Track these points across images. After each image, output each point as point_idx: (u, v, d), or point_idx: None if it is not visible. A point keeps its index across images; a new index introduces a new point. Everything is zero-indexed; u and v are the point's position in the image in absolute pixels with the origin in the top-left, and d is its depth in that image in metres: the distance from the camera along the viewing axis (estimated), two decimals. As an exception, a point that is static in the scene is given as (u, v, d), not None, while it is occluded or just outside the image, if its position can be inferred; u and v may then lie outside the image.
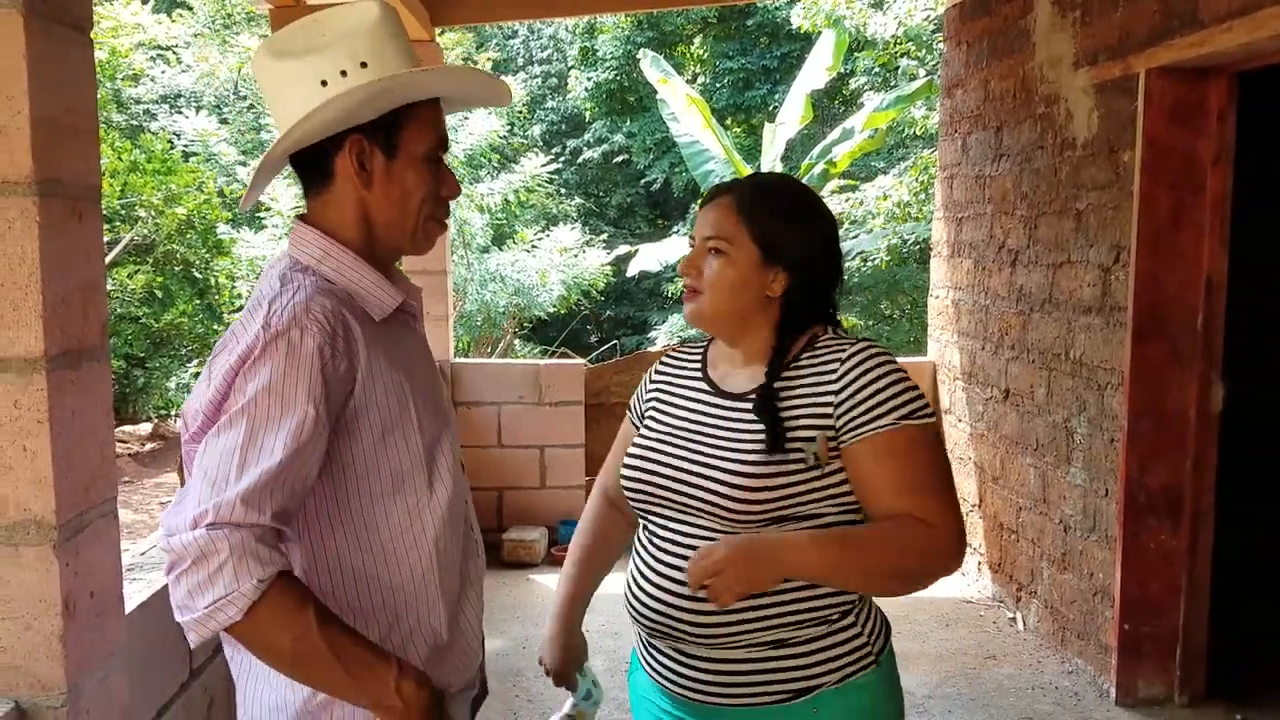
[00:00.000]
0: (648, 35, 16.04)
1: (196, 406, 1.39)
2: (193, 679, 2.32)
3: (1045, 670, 4.25)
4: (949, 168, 5.67)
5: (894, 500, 1.61)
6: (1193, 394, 3.77)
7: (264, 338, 1.34)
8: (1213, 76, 3.65)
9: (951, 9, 5.63)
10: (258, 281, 1.50)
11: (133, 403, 10.36)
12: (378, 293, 1.48)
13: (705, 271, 1.70)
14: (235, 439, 1.30)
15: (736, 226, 1.69)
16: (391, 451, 1.44)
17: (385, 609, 1.46)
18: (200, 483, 1.29)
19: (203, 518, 1.26)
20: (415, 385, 1.49)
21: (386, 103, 1.44)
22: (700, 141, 10.84)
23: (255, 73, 1.50)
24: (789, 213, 1.71)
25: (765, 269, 1.69)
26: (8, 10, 1.37)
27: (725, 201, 1.71)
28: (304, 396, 1.33)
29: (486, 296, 10.48)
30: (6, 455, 1.43)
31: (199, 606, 1.25)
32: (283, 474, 1.30)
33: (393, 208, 1.49)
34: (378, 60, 1.43)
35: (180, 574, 1.26)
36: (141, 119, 12.93)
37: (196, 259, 10.42)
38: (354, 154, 1.45)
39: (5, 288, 1.41)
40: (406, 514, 1.46)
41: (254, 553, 1.26)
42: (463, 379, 5.91)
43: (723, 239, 1.69)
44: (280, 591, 1.28)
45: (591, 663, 2.01)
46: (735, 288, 1.69)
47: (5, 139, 1.39)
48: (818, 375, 1.65)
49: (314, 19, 1.45)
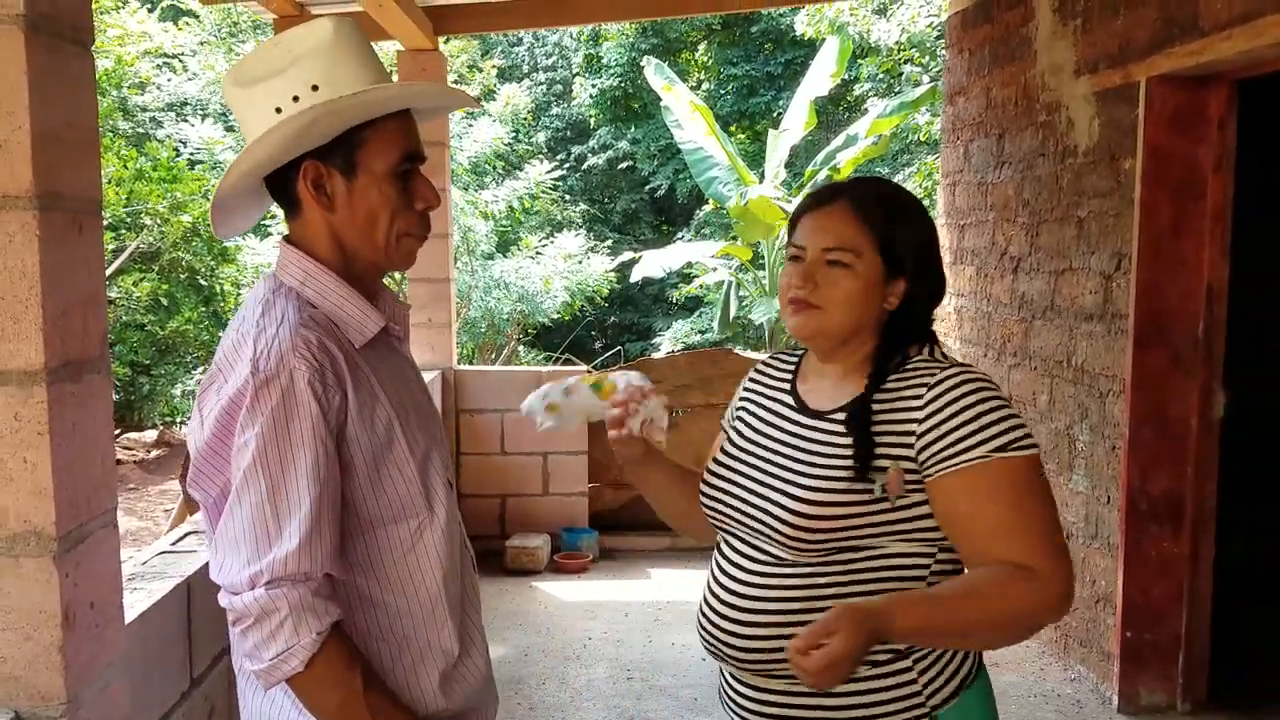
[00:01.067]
0: (652, 42, 16.06)
1: (194, 445, 1.43)
2: (193, 688, 2.32)
3: (1047, 678, 4.24)
4: (951, 175, 5.68)
5: (991, 544, 1.47)
6: (1194, 401, 3.77)
7: (254, 383, 1.35)
8: (1213, 84, 3.66)
9: (953, 17, 5.64)
10: (244, 301, 1.51)
11: (138, 410, 10.37)
12: (360, 317, 1.48)
13: (824, 287, 1.55)
14: (260, 494, 1.34)
15: (863, 238, 1.55)
16: (387, 480, 1.45)
17: (394, 633, 1.48)
18: (242, 543, 1.35)
19: (259, 577, 1.33)
20: (403, 408, 1.49)
21: (338, 124, 1.42)
22: (704, 148, 10.86)
23: (226, 101, 1.51)
24: (909, 218, 1.60)
25: (887, 281, 1.57)
26: (8, 26, 1.38)
27: (842, 207, 1.57)
28: (309, 436, 1.36)
29: (490, 303, 10.49)
30: (7, 467, 1.44)
31: (265, 658, 1.35)
32: (318, 516, 1.35)
33: (360, 228, 1.47)
34: (330, 82, 1.41)
35: (245, 630, 1.35)
36: (147, 127, 12.97)
37: (202, 266, 10.44)
38: (308, 179, 1.45)
39: (5, 301, 1.41)
40: (409, 537, 1.48)
41: (311, 607, 1.34)
42: (465, 386, 5.93)
43: (847, 250, 1.55)
44: (336, 644, 1.36)
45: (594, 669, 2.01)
46: (859, 303, 1.56)
47: (6, 153, 1.39)
48: (903, 400, 1.52)
49: (274, 41, 1.45)
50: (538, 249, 11.72)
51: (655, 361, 6.33)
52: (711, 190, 11.03)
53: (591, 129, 17.36)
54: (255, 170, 1.45)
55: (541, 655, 4.45)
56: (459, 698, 1.53)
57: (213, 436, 1.39)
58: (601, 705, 3.98)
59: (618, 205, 17.69)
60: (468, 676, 1.55)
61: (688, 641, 4.59)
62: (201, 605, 2.35)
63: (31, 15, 1.39)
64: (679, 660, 4.40)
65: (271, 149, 1.41)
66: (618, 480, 6.14)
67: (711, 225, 15.28)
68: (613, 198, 17.81)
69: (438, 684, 1.50)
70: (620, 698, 4.03)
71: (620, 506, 6.16)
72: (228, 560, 1.36)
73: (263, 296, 1.46)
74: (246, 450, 1.35)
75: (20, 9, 1.38)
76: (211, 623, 2.41)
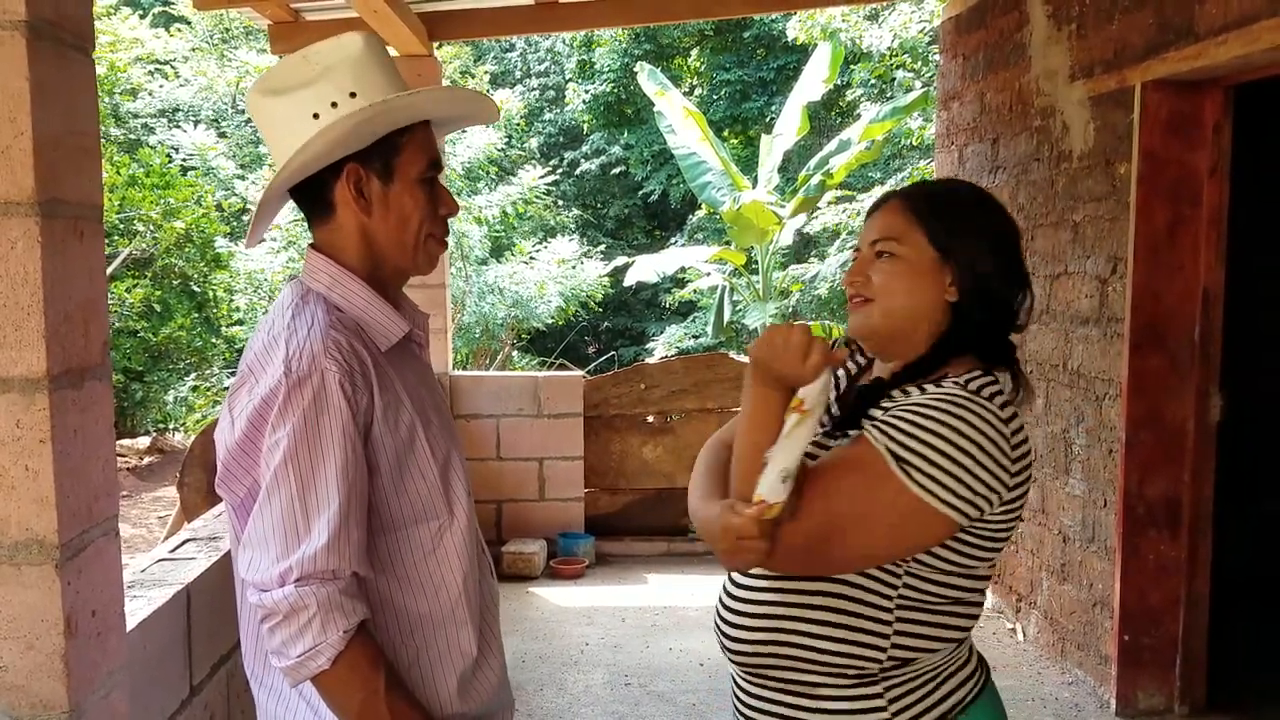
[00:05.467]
0: (645, 48, 16.08)
1: (222, 446, 1.44)
2: (193, 695, 2.31)
3: (1045, 681, 4.24)
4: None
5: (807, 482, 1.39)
6: (1191, 404, 3.77)
7: (286, 384, 1.38)
8: (1208, 89, 3.67)
9: (947, 22, 5.65)
10: (271, 307, 1.53)
11: (131, 416, 10.35)
12: (385, 321, 1.51)
13: (874, 277, 1.52)
14: (290, 492, 1.36)
15: (907, 225, 1.52)
16: (409, 482, 1.47)
17: (414, 635, 1.49)
18: (272, 540, 1.36)
19: (289, 574, 1.34)
20: (424, 412, 1.52)
21: (379, 127, 1.47)
22: (697, 153, 10.88)
23: (250, 112, 1.54)
24: (962, 206, 1.55)
25: (942, 268, 1.50)
26: (10, 33, 1.37)
27: (893, 204, 1.56)
28: (339, 436, 1.38)
29: (485, 308, 10.49)
30: (9, 475, 1.43)
31: (292, 655, 1.35)
32: (346, 514, 1.37)
33: (393, 231, 1.52)
34: (366, 88, 1.46)
35: (274, 626, 1.36)
36: (140, 133, 12.95)
37: (195, 272, 10.43)
38: (351, 182, 1.49)
39: (8, 308, 1.41)
40: (430, 539, 1.50)
41: (339, 605, 1.35)
42: (461, 391, 5.92)
43: (892, 239, 1.52)
44: (362, 643, 1.37)
45: (592, 675, 2.01)
46: (908, 290, 1.50)
47: (8, 160, 1.39)
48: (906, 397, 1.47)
49: (302, 55, 1.48)
50: (531, 254, 11.73)
51: (651, 367, 6.33)
52: (705, 195, 11.05)
53: (585, 134, 17.38)
54: (301, 172, 1.47)
55: (538, 661, 4.45)
56: (476, 701, 1.54)
57: (243, 436, 1.41)
58: (599, 711, 3.97)
59: (611, 210, 17.70)
60: (485, 680, 1.56)
61: (685, 646, 4.58)
62: (201, 613, 2.34)
63: (34, 21, 1.39)
64: (676, 665, 4.40)
65: (320, 150, 1.44)
66: (614, 485, 6.15)
67: (705, 230, 15.30)
68: (606, 203, 17.83)
69: (455, 687, 1.51)
70: (618, 703, 4.03)
71: (616, 511, 6.15)
72: (257, 557, 1.38)
73: (292, 301, 1.49)
74: (278, 449, 1.37)
75: (23, 15, 1.37)
76: (211, 630, 2.41)
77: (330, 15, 5.41)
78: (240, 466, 1.44)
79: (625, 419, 6.10)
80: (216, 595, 2.40)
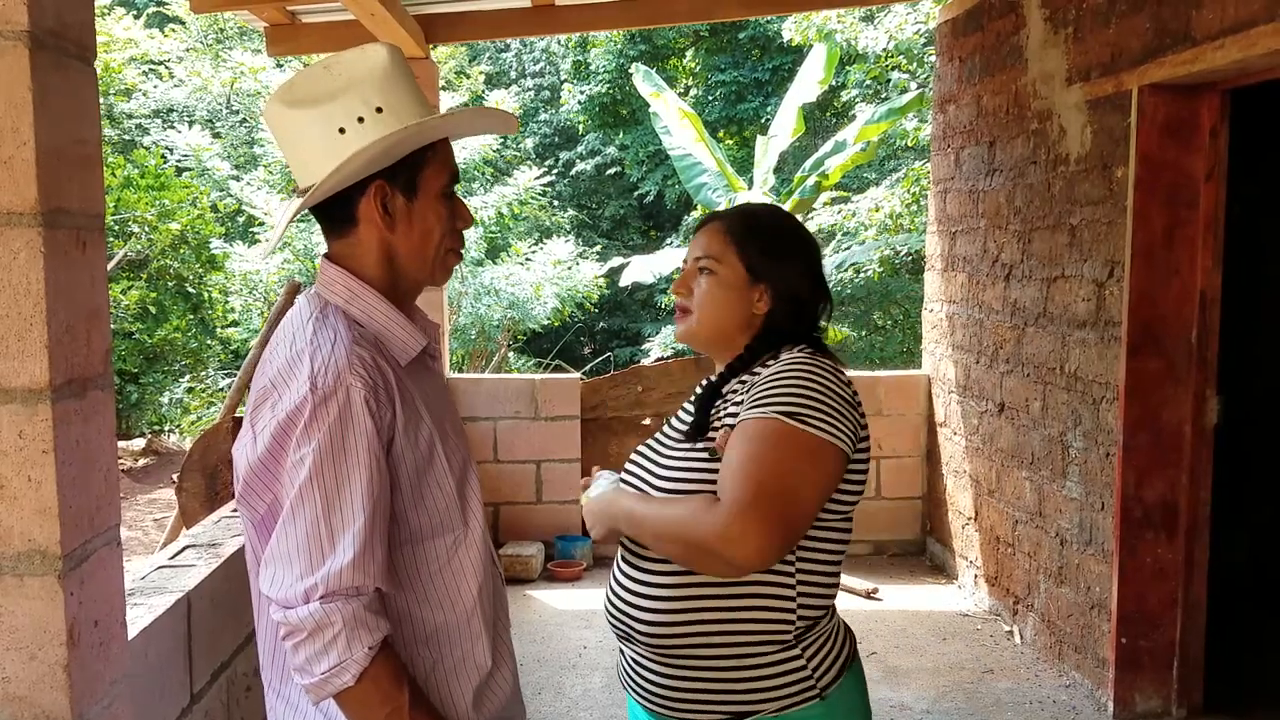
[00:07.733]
0: (640, 49, 16.08)
1: (244, 461, 1.44)
2: (193, 703, 2.31)
3: (1042, 684, 4.25)
4: (942, 182, 5.69)
5: (723, 481, 1.58)
6: (1188, 407, 3.78)
7: (312, 400, 1.37)
8: (1205, 93, 3.68)
9: (944, 25, 5.66)
10: (285, 321, 1.52)
11: (126, 419, 10.33)
12: (404, 335, 1.52)
13: (695, 291, 1.80)
14: (315, 509, 1.36)
15: (725, 247, 1.78)
16: (428, 495, 1.48)
17: (429, 646, 1.49)
18: (296, 557, 1.36)
19: (314, 591, 1.34)
20: (441, 425, 1.52)
21: (409, 147, 1.47)
22: (693, 154, 10.87)
23: (269, 122, 1.52)
24: (773, 234, 1.80)
25: (751, 287, 1.77)
26: (13, 43, 1.37)
27: (715, 226, 1.82)
28: (365, 453, 1.37)
29: (480, 310, 10.48)
30: (12, 486, 1.43)
31: (316, 672, 1.35)
32: (371, 531, 1.36)
33: (415, 245, 1.52)
34: (392, 103, 1.46)
35: (298, 643, 1.35)
36: (134, 134, 12.93)
37: (190, 274, 10.41)
38: (378, 199, 1.49)
39: (10, 318, 1.40)
40: (446, 551, 1.50)
41: (364, 621, 1.35)
42: (459, 394, 5.91)
43: (712, 258, 1.78)
44: (385, 659, 1.36)
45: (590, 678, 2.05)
46: (723, 304, 1.77)
47: (11, 170, 1.38)
48: (755, 377, 1.70)
49: (324, 66, 1.47)
50: (527, 255, 11.72)
51: (647, 369, 6.33)
52: (700, 196, 11.04)
53: (580, 135, 17.38)
54: (334, 190, 1.47)
55: (536, 664, 4.44)
56: (490, 711, 1.54)
57: (266, 453, 1.40)
58: (598, 714, 3.97)
59: (606, 211, 17.71)
60: (498, 690, 1.57)
61: (683, 650, 4.58)
62: (201, 620, 2.34)
63: (36, 32, 1.38)
64: (674, 669, 4.39)
65: (354, 170, 1.44)
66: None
67: (700, 231, 15.26)
68: (601, 204, 17.83)
69: (471, 698, 1.51)
70: (617, 707, 4.02)
71: (613, 514, 6.14)
72: (280, 573, 1.37)
73: (312, 315, 1.48)
74: (303, 465, 1.36)
75: (25, 25, 1.37)
76: (210, 637, 2.40)
77: (327, 18, 5.41)
78: (261, 482, 1.43)
79: (622, 421, 6.10)
80: (216, 602, 2.40)
